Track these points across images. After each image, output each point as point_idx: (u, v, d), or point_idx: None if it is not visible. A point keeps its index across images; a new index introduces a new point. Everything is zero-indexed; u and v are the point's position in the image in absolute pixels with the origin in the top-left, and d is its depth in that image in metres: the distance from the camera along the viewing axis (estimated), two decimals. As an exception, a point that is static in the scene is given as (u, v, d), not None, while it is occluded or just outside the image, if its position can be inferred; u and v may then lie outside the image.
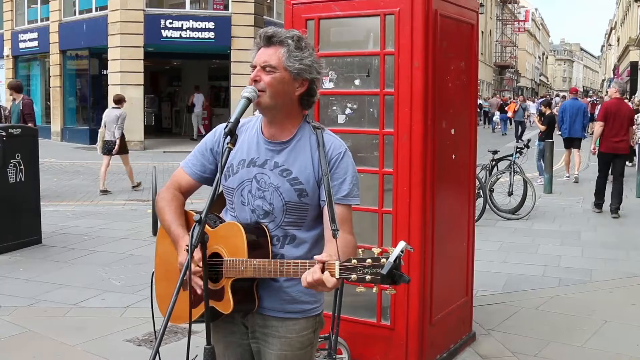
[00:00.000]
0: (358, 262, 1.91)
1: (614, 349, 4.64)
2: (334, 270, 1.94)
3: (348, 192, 2.23)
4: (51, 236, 7.97)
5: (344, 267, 1.92)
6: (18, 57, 26.81)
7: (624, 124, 9.73)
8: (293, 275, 2.07)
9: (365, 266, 1.89)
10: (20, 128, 8.09)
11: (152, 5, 21.20)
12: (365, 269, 1.89)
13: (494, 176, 10.26)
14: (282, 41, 2.19)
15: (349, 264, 1.92)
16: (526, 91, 69.12)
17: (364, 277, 1.89)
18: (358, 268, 1.90)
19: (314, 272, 1.96)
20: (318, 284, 1.96)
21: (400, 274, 1.86)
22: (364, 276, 1.89)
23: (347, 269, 1.92)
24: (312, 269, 1.97)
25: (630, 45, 40.45)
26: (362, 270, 1.89)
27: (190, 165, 2.41)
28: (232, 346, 2.37)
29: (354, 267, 1.91)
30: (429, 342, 4.09)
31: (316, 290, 2.02)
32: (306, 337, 2.31)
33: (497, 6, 58.06)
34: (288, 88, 2.21)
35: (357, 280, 1.90)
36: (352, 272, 1.91)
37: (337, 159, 2.23)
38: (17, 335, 4.80)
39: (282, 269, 2.08)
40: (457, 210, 4.46)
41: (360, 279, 1.90)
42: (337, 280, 1.94)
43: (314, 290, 2.02)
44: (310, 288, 2.00)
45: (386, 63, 3.94)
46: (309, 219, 2.26)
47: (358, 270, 1.90)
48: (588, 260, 7.15)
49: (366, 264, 1.89)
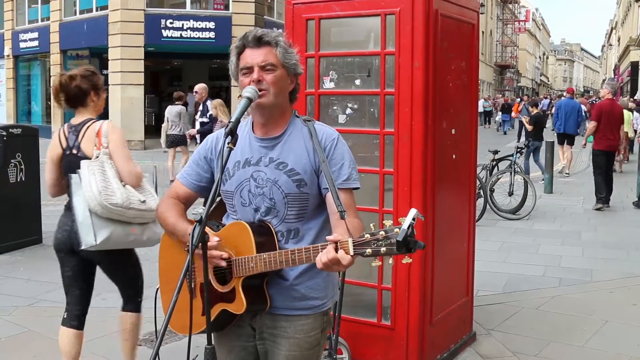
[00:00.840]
0: (371, 235, 1.90)
1: (614, 349, 4.64)
2: (347, 247, 1.94)
3: (348, 176, 2.25)
4: (51, 236, 7.93)
5: (358, 243, 1.93)
6: (18, 56, 26.85)
7: (617, 123, 10.49)
8: (306, 262, 2.06)
9: (379, 239, 1.89)
10: (21, 128, 8.10)
11: (153, 5, 21.22)
12: (379, 241, 1.89)
13: (495, 176, 10.26)
14: (275, 40, 2.22)
15: (362, 239, 1.92)
16: (527, 91, 69.10)
17: (379, 250, 1.89)
18: (372, 242, 1.90)
19: (328, 252, 1.96)
20: (333, 263, 1.96)
21: (415, 241, 1.86)
22: (379, 248, 1.89)
23: (360, 244, 1.92)
24: (325, 250, 1.97)
25: (630, 45, 40.44)
26: (376, 243, 1.89)
27: (185, 176, 2.42)
28: (236, 350, 2.37)
29: (368, 241, 1.91)
30: (429, 342, 4.09)
31: (331, 270, 2.02)
32: (314, 337, 2.31)
33: (497, 6, 58.07)
34: (286, 85, 2.26)
35: (372, 253, 1.90)
36: (366, 247, 1.91)
37: (331, 145, 2.25)
38: (18, 335, 4.80)
39: (293, 257, 2.07)
40: (458, 210, 4.46)
41: (375, 252, 1.89)
42: (353, 257, 1.94)
43: (329, 270, 2.02)
44: (325, 269, 2.00)
45: (387, 63, 3.94)
46: (310, 209, 2.27)
47: (372, 243, 1.90)
48: (588, 260, 7.15)
49: (379, 236, 1.89)
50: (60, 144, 3.60)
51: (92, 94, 3.63)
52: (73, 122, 3.64)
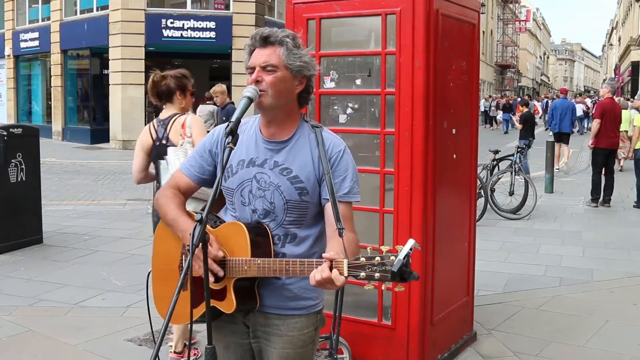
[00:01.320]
0: (367, 260, 1.90)
1: (615, 348, 4.63)
2: (342, 268, 1.93)
3: (349, 189, 2.24)
4: (52, 236, 7.97)
5: (353, 265, 1.92)
6: (19, 56, 26.85)
7: (617, 121, 10.75)
8: (299, 275, 2.06)
9: (374, 264, 1.88)
10: (22, 128, 8.10)
11: (153, 4, 21.22)
12: (374, 266, 1.88)
13: (495, 176, 10.26)
14: (280, 40, 2.19)
15: (357, 262, 1.91)
16: (527, 91, 69.01)
17: (373, 275, 1.88)
18: (367, 266, 1.89)
19: (322, 270, 1.95)
20: (327, 282, 1.95)
21: (410, 272, 1.86)
22: (373, 274, 1.88)
23: (355, 266, 1.91)
24: (320, 268, 1.96)
25: (631, 45, 40.41)
26: (371, 268, 1.89)
27: (188, 167, 2.40)
28: (232, 346, 2.37)
29: (363, 265, 1.90)
30: (430, 342, 4.09)
31: (324, 288, 2.01)
32: (308, 335, 2.31)
33: (498, 6, 58.03)
34: (289, 86, 2.22)
35: (365, 278, 1.89)
36: (360, 270, 1.90)
37: (337, 156, 2.24)
38: (18, 334, 4.80)
39: (287, 268, 2.07)
40: (458, 210, 4.46)
41: (369, 277, 1.89)
42: (346, 278, 1.94)
43: (322, 288, 2.02)
44: (318, 286, 2.00)
45: (387, 63, 3.93)
46: (309, 216, 2.26)
47: (367, 268, 1.89)
48: (589, 260, 7.15)
49: (375, 261, 1.88)
50: (151, 136, 4.11)
51: (178, 93, 4.19)
52: (161, 116, 4.17)
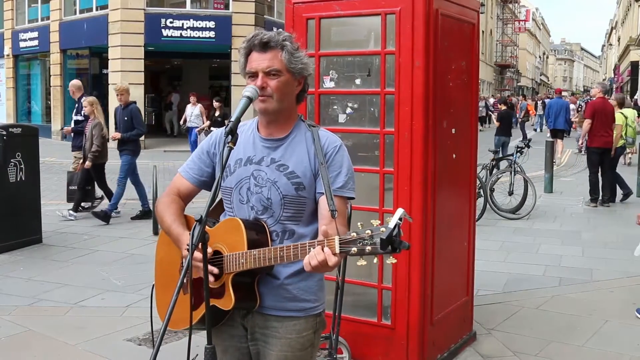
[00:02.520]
0: (357, 234, 1.91)
1: (614, 348, 4.63)
2: (333, 245, 1.94)
3: (343, 184, 2.26)
4: (51, 235, 7.97)
5: (344, 241, 1.93)
6: (18, 56, 26.82)
7: (609, 121, 10.66)
8: (293, 259, 2.07)
9: (365, 237, 1.89)
10: (21, 127, 8.10)
11: (153, 4, 21.20)
12: (364, 240, 1.89)
13: (495, 176, 10.26)
14: (281, 45, 2.21)
15: (348, 237, 1.92)
16: (527, 91, 69.04)
17: (364, 249, 1.89)
18: (357, 240, 1.90)
19: (317, 254, 1.96)
20: (322, 266, 1.97)
21: (400, 240, 1.85)
22: (364, 247, 1.89)
23: (346, 242, 1.92)
24: (312, 252, 1.98)
25: (630, 45, 40.41)
26: (362, 242, 1.89)
27: (187, 170, 2.42)
28: (231, 350, 2.37)
29: (354, 239, 1.91)
30: (429, 342, 4.09)
31: (318, 272, 2.03)
32: (306, 338, 2.31)
33: (497, 6, 58.02)
34: (291, 89, 2.26)
35: (357, 252, 1.91)
36: (352, 245, 1.91)
37: (332, 152, 2.27)
38: (18, 334, 4.80)
39: (282, 254, 2.08)
40: (458, 209, 4.46)
41: (360, 251, 1.90)
42: (339, 257, 1.95)
43: (317, 272, 2.03)
44: (314, 271, 2.01)
45: (387, 62, 3.93)
46: (306, 213, 2.28)
47: (357, 242, 1.90)
48: (589, 260, 7.15)
49: (365, 234, 1.89)
50: None
51: None
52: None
